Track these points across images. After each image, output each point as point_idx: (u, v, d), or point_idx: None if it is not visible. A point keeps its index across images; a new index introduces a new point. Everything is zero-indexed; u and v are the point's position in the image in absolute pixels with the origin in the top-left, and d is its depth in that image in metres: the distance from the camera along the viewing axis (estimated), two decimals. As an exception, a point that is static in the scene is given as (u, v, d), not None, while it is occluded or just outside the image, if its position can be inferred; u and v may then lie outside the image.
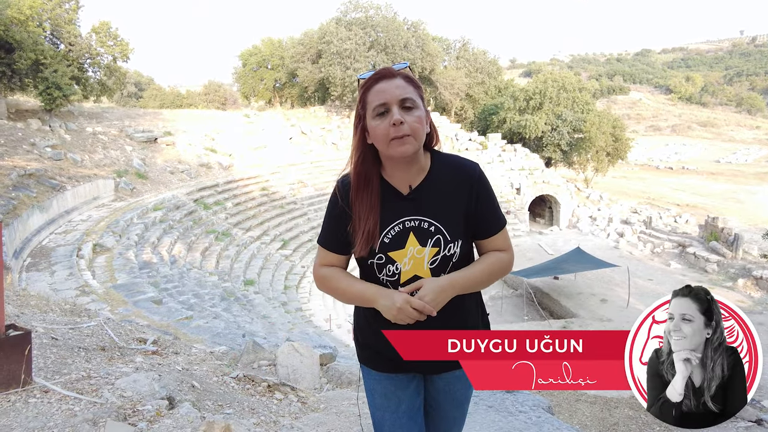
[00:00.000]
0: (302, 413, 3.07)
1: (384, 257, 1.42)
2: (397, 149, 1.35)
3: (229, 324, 8.15)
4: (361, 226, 1.40)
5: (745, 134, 65.32)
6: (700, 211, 29.58)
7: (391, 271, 1.43)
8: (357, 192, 1.42)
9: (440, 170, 1.47)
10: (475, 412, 2.64)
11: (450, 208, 1.44)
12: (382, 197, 1.43)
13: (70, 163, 16.22)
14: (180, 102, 38.94)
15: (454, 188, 1.45)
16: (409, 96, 1.36)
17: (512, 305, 18.10)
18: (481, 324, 1.61)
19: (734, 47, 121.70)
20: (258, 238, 17.39)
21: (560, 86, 33.25)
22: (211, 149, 22.76)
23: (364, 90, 1.40)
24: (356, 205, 1.42)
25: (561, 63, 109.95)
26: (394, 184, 1.45)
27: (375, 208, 1.41)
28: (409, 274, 1.43)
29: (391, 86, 1.36)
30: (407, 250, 1.41)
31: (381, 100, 1.35)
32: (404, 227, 1.42)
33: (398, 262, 1.42)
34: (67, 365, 2.84)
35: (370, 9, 32.37)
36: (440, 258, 1.43)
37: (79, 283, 8.64)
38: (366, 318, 1.55)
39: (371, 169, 1.43)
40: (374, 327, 1.48)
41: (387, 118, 1.34)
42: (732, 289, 18.98)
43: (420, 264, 1.42)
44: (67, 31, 20.07)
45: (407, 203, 1.43)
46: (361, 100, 1.41)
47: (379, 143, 1.38)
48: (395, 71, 1.40)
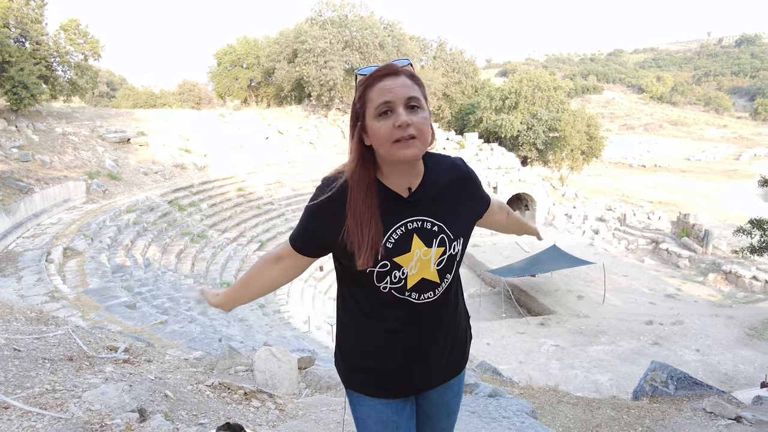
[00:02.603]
0: (280, 421, 2.99)
1: (389, 264, 1.31)
2: (403, 152, 1.25)
3: (205, 328, 7.98)
4: (366, 235, 1.28)
5: (713, 133, 67.02)
6: (672, 207, 30.26)
7: (397, 277, 1.33)
8: (357, 199, 1.30)
9: (434, 171, 1.41)
10: (458, 418, 2.59)
11: (449, 207, 1.40)
12: (380, 202, 1.33)
13: (38, 164, 15.74)
14: (154, 101, 38.25)
15: (450, 186, 1.42)
16: (415, 95, 1.26)
17: (490, 303, 18.21)
18: (467, 327, 1.59)
19: (702, 48, 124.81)
20: (234, 240, 17.14)
21: (535, 85, 33.66)
22: (185, 149, 22.36)
23: (365, 87, 1.28)
24: (355, 213, 1.30)
25: (536, 63, 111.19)
26: (393, 188, 1.35)
27: (376, 216, 1.30)
28: (416, 278, 1.35)
29: (396, 84, 1.25)
30: (413, 253, 1.33)
31: (385, 99, 1.24)
32: (407, 229, 1.34)
33: (404, 267, 1.33)
34: (30, 378, 2.69)
35: (344, 7, 32.25)
36: (446, 258, 1.37)
37: (48, 288, 8.36)
38: (363, 320, 1.42)
39: (370, 173, 1.32)
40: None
41: (391, 119, 1.24)
42: (703, 283, 19.47)
43: (427, 266, 1.35)
44: (34, 29, 19.44)
45: (408, 206, 1.35)
46: (361, 97, 1.29)
47: (381, 145, 1.27)
48: (400, 68, 1.29)
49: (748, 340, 13.37)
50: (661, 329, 14.21)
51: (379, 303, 1.38)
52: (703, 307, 16.70)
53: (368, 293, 1.38)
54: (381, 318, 1.40)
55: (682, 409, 3.60)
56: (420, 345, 1.41)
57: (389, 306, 1.38)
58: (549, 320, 15.57)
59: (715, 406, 3.47)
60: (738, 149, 56.24)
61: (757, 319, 14.65)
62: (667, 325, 14.47)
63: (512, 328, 15.05)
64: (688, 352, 12.68)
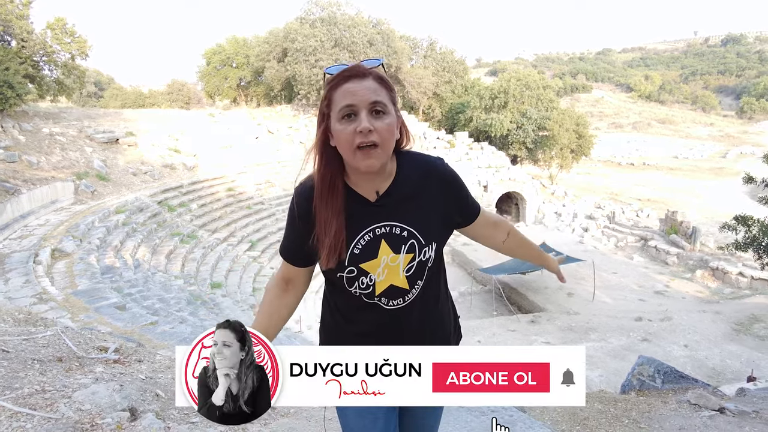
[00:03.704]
0: (271, 419, 3.00)
1: (355, 270, 1.31)
2: (362, 162, 1.23)
3: (196, 328, 7.95)
4: (327, 234, 1.28)
5: (700, 131, 67.78)
6: (661, 205, 30.57)
7: (365, 283, 1.33)
8: (320, 198, 1.29)
9: (407, 172, 1.36)
10: (447, 412, 2.62)
11: (422, 211, 1.35)
12: (347, 205, 1.30)
13: (25, 165, 15.57)
14: (142, 101, 37.96)
15: (424, 188, 1.36)
16: (380, 99, 1.22)
17: (481, 301, 18.30)
18: (454, 329, 1.57)
19: (689, 47, 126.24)
20: (225, 240, 17.07)
21: (524, 84, 33.80)
22: (175, 150, 22.22)
23: (330, 87, 1.25)
24: (319, 213, 1.30)
25: (526, 62, 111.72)
26: (360, 192, 1.33)
27: (340, 215, 1.28)
28: (385, 285, 1.33)
29: (360, 87, 1.21)
30: (380, 260, 1.31)
31: (348, 102, 1.21)
32: (375, 235, 1.31)
33: (372, 273, 1.32)
34: (19, 379, 2.68)
35: (332, 6, 32.23)
36: (416, 264, 1.34)
37: (36, 290, 8.28)
38: (340, 321, 1.44)
39: (335, 172, 1.30)
40: (353, 329, 1.41)
41: (353, 123, 1.21)
42: (691, 280, 19.69)
43: (395, 272, 1.33)
44: (19, 26, 19.19)
45: (376, 210, 1.32)
46: (326, 97, 1.26)
47: (343, 150, 1.25)
48: (367, 70, 1.25)
49: (735, 335, 13.55)
50: (650, 325, 14.36)
51: (352, 306, 1.39)
52: (691, 303, 16.89)
53: (342, 295, 1.38)
54: (354, 321, 1.41)
55: (667, 402, 3.67)
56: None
57: (361, 310, 1.38)
58: (539, 318, 15.67)
59: (699, 398, 3.54)
60: (724, 147, 56.98)
61: (744, 315, 14.85)
62: (656, 322, 14.62)
63: (503, 325, 15.13)
64: (676, 348, 12.82)
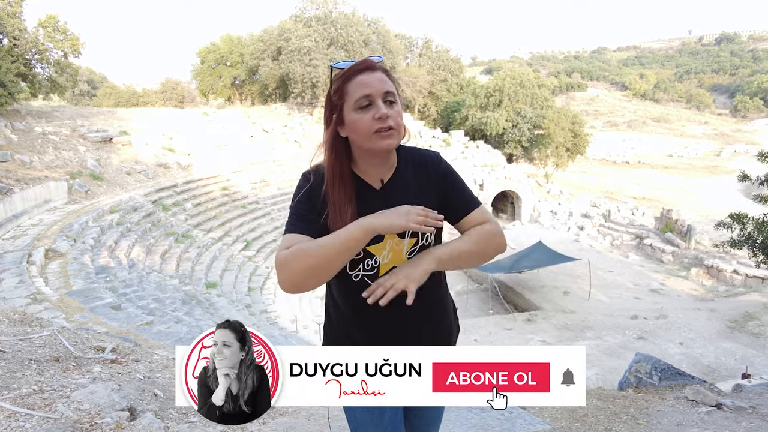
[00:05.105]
0: (270, 418, 2.99)
1: (362, 251, 1.37)
2: (382, 142, 1.32)
3: (192, 328, 7.93)
4: (342, 219, 1.34)
5: (695, 129, 68.12)
6: (656, 203, 30.71)
7: (369, 264, 1.39)
8: (333, 186, 1.37)
9: (407, 163, 1.47)
10: (447, 409, 2.63)
11: (421, 199, 1.42)
12: (357, 192, 1.40)
13: (18, 164, 15.47)
14: (136, 100, 37.76)
15: (421, 179, 1.46)
16: (391, 90, 1.33)
17: (477, 299, 18.32)
18: (454, 316, 1.62)
19: (683, 46, 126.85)
20: (220, 239, 17.01)
21: (518, 83, 33.82)
22: (169, 149, 22.12)
23: (344, 80, 1.34)
24: (332, 199, 1.37)
25: (521, 60, 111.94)
26: (366, 179, 1.42)
27: (352, 201, 1.37)
28: (389, 266, 1.40)
29: (374, 78, 1.32)
30: (386, 243, 1.38)
31: (365, 92, 1.31)
32: None
33: (377, 256, 1.39)
34: (16, 379, 2.67)
35: (328, 4, 32.16)
36: (418, 248, 1.41)
37: (30, 290, 8.23)
38: (345, 314, 1.47)
39: (344, 163, 1.39)
40: (359, 320, 1.44)
41: (370, 111, 1.31)
42: (686, 278, 19.79)
43: (399, 255, 1.40)
44: (11, 24, 19.03)
45: (380, 197, 1.41)
46: (338, 90, 1.35)
47: (361, 136, 1.34)
48: (377, 64, 1.36)
49: (730, 332, 13.64)
50: (646, 323, 14.43)
51: (351, 292, 1.41)
52: (687, 301, 16.98)
53: (343, 280, 1.42)
54: (357, 307, 1.42)
55: (665, 398, 3.69)
56: (404, 331, 1.44)
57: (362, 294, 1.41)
58: (535, 316, 15.71)
59: (697, 394, 3.56)
60: (719, 145, 57.26)
61: (738, 312, 14.94)
62: (651, 320, 14.69)
63: (499, 324, 15.16)
64: (672, 346, 12.89)
